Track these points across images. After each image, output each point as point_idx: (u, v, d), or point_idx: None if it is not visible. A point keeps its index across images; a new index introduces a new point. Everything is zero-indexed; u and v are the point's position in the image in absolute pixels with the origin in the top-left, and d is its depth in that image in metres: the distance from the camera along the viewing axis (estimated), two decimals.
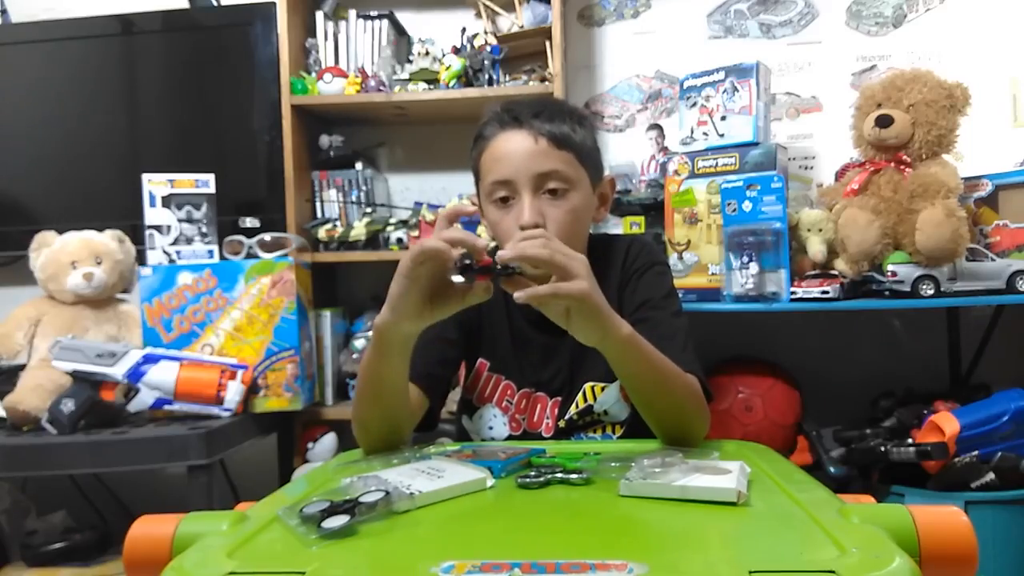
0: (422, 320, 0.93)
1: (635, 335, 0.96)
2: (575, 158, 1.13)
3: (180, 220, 1.89)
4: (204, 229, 1.91)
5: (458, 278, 0.88)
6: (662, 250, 1.85)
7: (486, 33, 2.11)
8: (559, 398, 1.21)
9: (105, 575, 1.82)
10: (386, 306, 0.93)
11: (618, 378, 1.02)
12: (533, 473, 0.85)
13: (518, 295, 0.86)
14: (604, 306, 0.91)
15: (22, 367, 1.81)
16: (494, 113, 1.17)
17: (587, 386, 1.19)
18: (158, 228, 1.88)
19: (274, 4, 2.10)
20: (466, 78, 2.07)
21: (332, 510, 0.70)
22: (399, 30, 2.27)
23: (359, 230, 2.07)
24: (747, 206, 1.69)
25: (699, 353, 1.13)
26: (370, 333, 2.10)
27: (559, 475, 0.85)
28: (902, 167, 1.70)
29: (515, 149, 1.12)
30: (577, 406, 1.20)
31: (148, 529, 0.74)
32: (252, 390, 1.82)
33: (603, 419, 1.21)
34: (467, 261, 0.87)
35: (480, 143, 1.17)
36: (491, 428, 1.24)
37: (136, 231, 1.93)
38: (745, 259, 1.67)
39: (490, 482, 0.83)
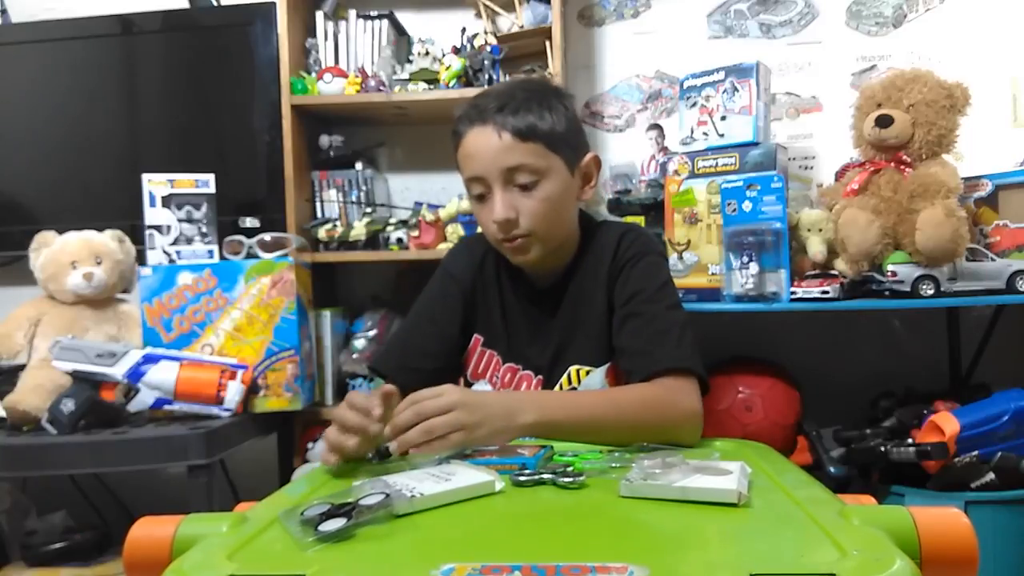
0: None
1: (544, 414, 1.00)
2: (543, 147, 1.12)
3: (180, 220, 1.89)
4: (204, 229, 1.91)
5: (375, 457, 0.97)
6: (660, 243, 1.84)
7: (486, 33, 2.10)
8: (542, 377, 1.21)
9: (105, 575, 1.82)
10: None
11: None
12: (528, 471, 0.86)
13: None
14: (499, 425, 0.96)
15: (22, 367, 1.81)
16: (465, 109, 1.17)
17: (572, 369, 1.20)
18: (158, 228, 1.88)
19: (274, 4, 2.10)
20: (466, 78, 2.07)
21: (331, 513, 0.70)
22: (399, 30, 2.27)
23: (359, 230, 2.07)
24: (747, 206, 1.69)
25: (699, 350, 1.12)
26: (371, 333, 2.11)
27: (555, 476, 0.84)
28: (902, 167, 1.70)
29: (482, 145, 1.12)
30: (561, 388, 1.19)
31: (148, 530, 0.74)
32: (252, 390, 1.82)
33: None
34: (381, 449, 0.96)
35: (455, 140, 1.18)
36: None
37: (136, 231, 1.93)
38: (745, 259, 1.67)
39: (499, 485, 0.82)
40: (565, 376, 1.20)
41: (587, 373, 1.19)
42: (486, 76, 2.05)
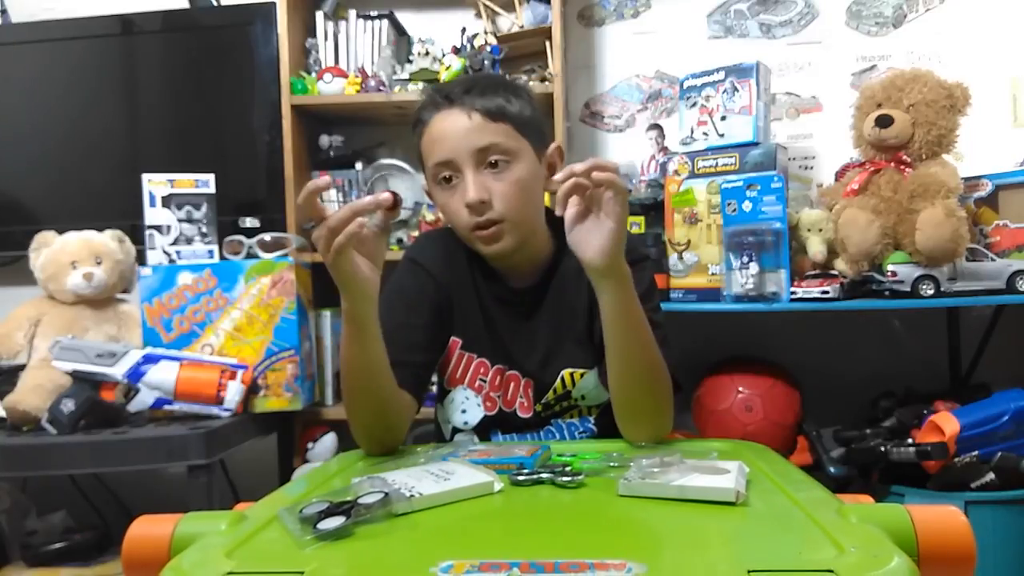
0: (373, 281, 0.98)
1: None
2: (512, 129, 1.12)
3: (180, 220, 1.89)
4: (204, 229, 1.91)
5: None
6: (647, 245, 1.84)
7: (486, 33, 2.11)
8: (531, 380, 1.20)
9: (105, 575, 1.82)
10: (341, 296, 0.99)
11: (607, 342, 1.03)
12: (527, 471, 0.86)
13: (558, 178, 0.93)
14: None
15: (22, 367, 1.81)
16: (428, 96, 1.18)
17: (565, 372, 1.19)
18: (158, 228, 1.88)
19: (274, 4, 2.10)
20: None
21: (330, 511, 0.70)
22: (399, 30, 2.27)
23: None
24: (747, 206, 1.69)
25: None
26: None
27: (553, 475, 0.84)
28: (902, 167, 1.70)
29: (451, 128, 1.12)
30: (555, 392, 1.19)
31: (147, 529, 0.74)
32: (252, 390, 1.82)
33: (579, 403, 1.21)
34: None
35: (419, 128, 1.18)
36: (464, 411, 1.22)
37: (136, 231, 1.93)
38: (745, 259, 1.67)
39: (498, 486, 0.82)
40: (559, 380, 1.19)
41: (581, 375, 1.18)
42: None
